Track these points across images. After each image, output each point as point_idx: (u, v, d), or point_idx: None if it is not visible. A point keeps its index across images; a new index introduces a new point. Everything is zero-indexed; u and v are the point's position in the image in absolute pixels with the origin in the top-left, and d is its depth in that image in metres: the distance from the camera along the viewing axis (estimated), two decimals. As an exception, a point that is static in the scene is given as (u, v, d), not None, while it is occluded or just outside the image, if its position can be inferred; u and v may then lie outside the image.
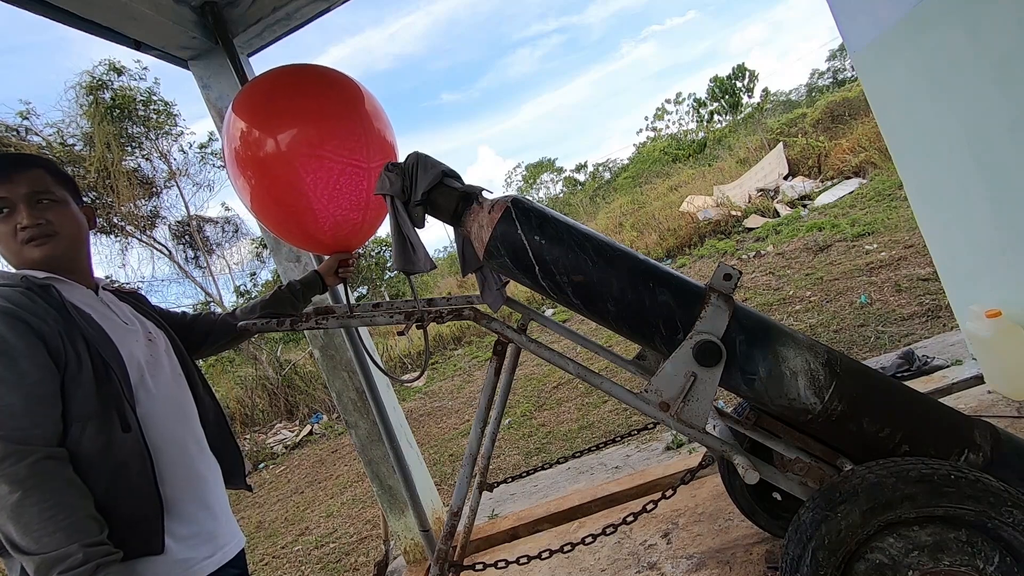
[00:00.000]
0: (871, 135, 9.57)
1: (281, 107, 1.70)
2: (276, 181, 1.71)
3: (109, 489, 1.05)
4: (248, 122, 1.70)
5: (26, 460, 0.93)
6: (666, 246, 9.73)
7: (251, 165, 1.71)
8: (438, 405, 6.71)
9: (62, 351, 1.06)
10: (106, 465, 1.05)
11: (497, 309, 1.76)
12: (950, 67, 2.20)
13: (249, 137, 1.69)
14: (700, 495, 2.48)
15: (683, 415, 1.42)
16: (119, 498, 1.05)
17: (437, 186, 1.54)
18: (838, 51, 24.85)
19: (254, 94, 1.77)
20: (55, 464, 0.97)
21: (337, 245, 1.88)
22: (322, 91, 1.76)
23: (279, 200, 1.76)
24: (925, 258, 4.80)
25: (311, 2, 2.54)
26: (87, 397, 1.06)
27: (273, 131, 1.67)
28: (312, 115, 1.70)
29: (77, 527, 0.93)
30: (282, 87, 1.75)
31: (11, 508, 0.91)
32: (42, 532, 0.91)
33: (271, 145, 1.67)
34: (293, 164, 1.68)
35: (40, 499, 0.92)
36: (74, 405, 1.05)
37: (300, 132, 1.68)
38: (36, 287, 1.12)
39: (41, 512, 0.91)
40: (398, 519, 2.79)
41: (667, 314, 1.44)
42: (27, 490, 0.91)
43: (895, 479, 1.20)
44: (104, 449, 1.05)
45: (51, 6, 2.00)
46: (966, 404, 2.46)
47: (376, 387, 2.40)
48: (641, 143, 29.06)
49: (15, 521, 0.91)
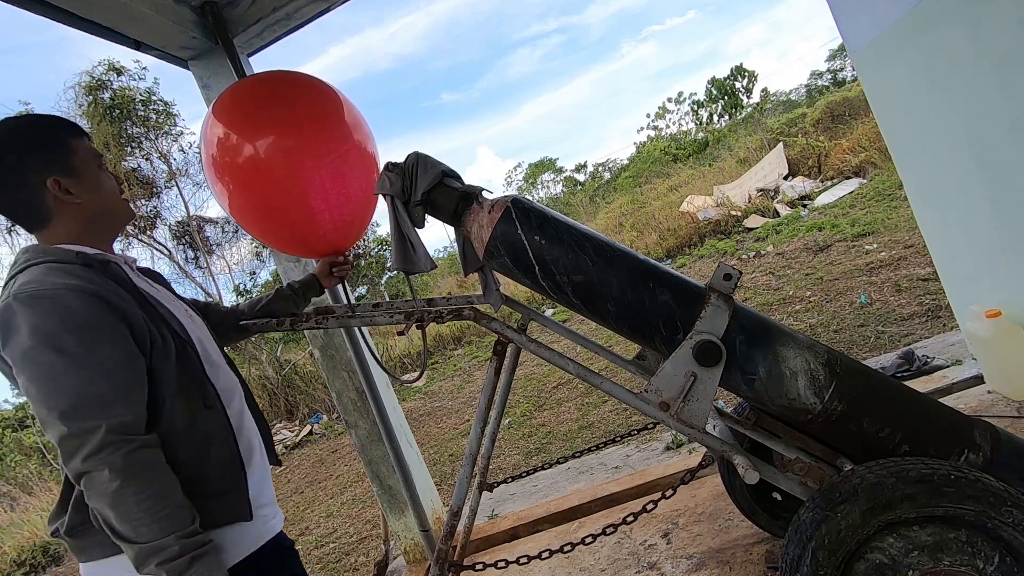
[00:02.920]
0: (871, 135, 9.56)
1: (259, 114, 1.66)
2: (254, 188, 1.68)
3: (199, 462, 1.08)
4: (227, 127, 1.66)
5: (123, 449, 0.94)
6: (666, 246, 9.72)
7: (228, 171, 1.67)
8: (438, 405, 6.71)
9: (146, 331, 1.05)
10: (194, 440, 1.08)
11: (497, 309, 1.76)
12: (950, 67, 2.20)
13: (227, 143, 1.65)
14: (700, 495, 2.48)
15: (683, 415, 1.42)
16: (208, 470, 1.09)
17: (437, 186, 1.54)
18: (838, 51, 24.84)
19: (234, 100, 1.73)
20: (150, 453, 0.98)
21: (324, 250, 1.85)
22: (300, 99, 1.73)
23: (258, 207, 1.72)
24: (925, 258, 4.79)
25: (311, 2, 2.54)
26: (173, 375, 1.08)
27: (252, 138, 1.64)
28: (290, 123, 1.66)
29: (172, 518, 0.96)
30: (261, 94, 1.72)
31: (111, 496, 0.92)
32: (140, 522, 0.93)
33: (249, 152, 1.63)
34: (272, 172, 1.64)
35: (138, 489, 0.94)
36: (163, 384, 1.06)
37: (278, 140, 1.64)
38: (96, 263, 1.08)
39: (139, 502, 0.93)
40: (398, 519, 2.79)
41: (667, 314, 1.44)
42: (126, 479, 0.93)
43: (895, 479, 1.20)
44: (191, 425, 1.08)
45: (51, 6, 2.00)
46: (966, 404, 2.46)
47: (376, 387, 2.40)
48: (641, 143, 29.07)
49: (114, 509, 0.93)
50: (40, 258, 1.04)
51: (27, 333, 0.94)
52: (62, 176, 1.09)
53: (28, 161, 1.07)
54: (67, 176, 1.09)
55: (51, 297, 0.96)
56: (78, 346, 0.95)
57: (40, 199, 1.08)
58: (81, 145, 1.14)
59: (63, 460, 0.94)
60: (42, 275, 1.00)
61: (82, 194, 1.11)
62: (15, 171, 1.06)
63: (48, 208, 1.09)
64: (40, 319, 0.94)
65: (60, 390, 0.93)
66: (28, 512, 7.46)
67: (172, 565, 0.93)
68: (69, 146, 1.12)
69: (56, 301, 0.96)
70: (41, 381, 0.94)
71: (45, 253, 1.06)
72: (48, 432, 0.95)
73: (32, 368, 0.94)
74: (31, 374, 0.94)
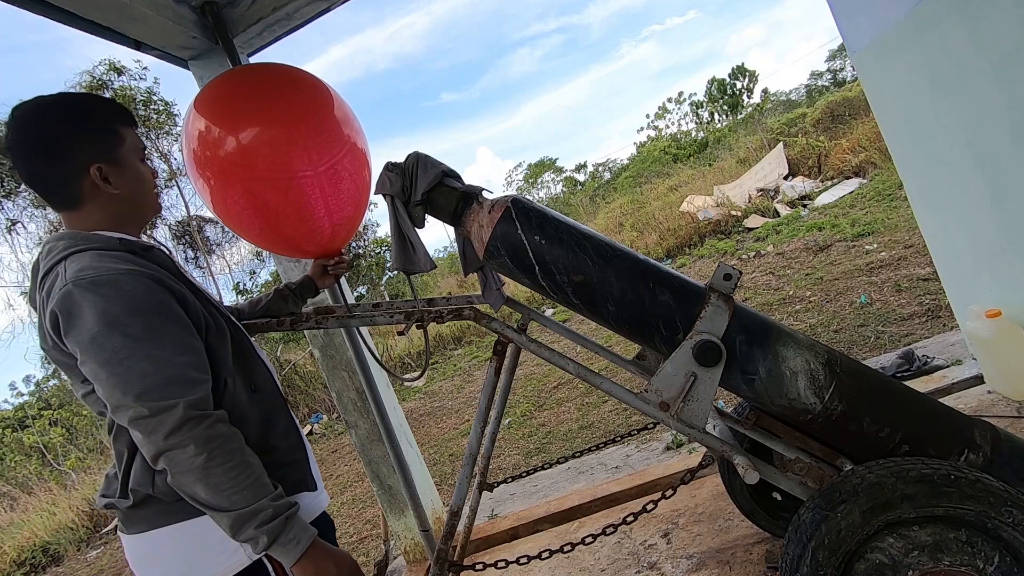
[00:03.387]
0: (871, 135, 9.56)
1: (244, 109, 1.54)
2: (237, 188, 1.55)
3: (265, 435, 1.14)
4: (209, 122, 1.53)
5: (203, 423, 0.97)
6: (666, 246, 9.71)
7: (210, 167, 1.54)
8: (438, 405, 6.71)
9: (200, 313, 1.09)
10: (257, 415, 1.14)
11: (497, 309, 1.76)
12: (950, 67, 2.20)
13: (208, 137, 1.52)
14: (700, 495, 2.48)
15: (683, 415, 1.42)
16: (276, 441, 1.16)
17: (437, 186, 1.54)
18: (838, 51, 24.85)
19: (216, 94, 1.60)
20: (226, 426, 1.01)
21: (315, 252, 1.80)
22: (287, 93, 1.60)
23: (243, 210, 1.60)
24: (925, 258, 4.79)
25: (311, 2, 2.54)
26: (228, 355, 1.12)
27: (235, 133, 1.51)
28: (277, 118, 1.54)
29: (260, 484, 1.00)
30: (246, 88, 1.59)
31: (198, 470, 0.95)
32: (232, 491, 0.96)
33: (232, 146, 1.50)
34: (256, 171, 1.51)
35: (224, 460, 0.97)
36: (223, 364, 1.10)
37: (263, 135, 1.51)
38: (140, 250, 1.10)
39: (227, 472, 0.97)
40: (398, 519, 2.79)
41: (667, 314, 1.44)
42: (211, 452, 0.96)
43: (895, 479, 1.20)
44: (251, 400, 1.14)
45: (51, 6, 2.00)
46: (966, 404, 2.46)
47: (376, 387, 2.40)
48: (641, 143, 29.08)
49: (204, 481, 0.96)
50: (83, 245, 1.04)
51: (93, 319, 0.95)
52: (105, 164, 1.09)
53: (76, 140, 1.07)
54: (110, 165, 1.09)
55: (111, 282, 0.97)
56: (144, 329, 0.97)
57: (77, 181, 1.08)
58: (130, 135, 1.14)
59: (140, 442, 0.96)
60: (95, 261, 1.00)
61: (121, 185, 1.11)
62: (60, 146, 1.06)
63: (83, 192, 1.08)
64: (105, 304, 0.95)
65: (132, 373, 0.95)
66: (28, 512, 7.46)
67: (271, 526, 0.97)
68: (119, 135, 1.12)
69: (117, 286, 0.97)
70: (112, 365, 0.95)
71: (87, 240, 1.05)
72: (121, 415, 0.96)
73: (102, 353, 0.95)
74: (101, 359, 0.95)
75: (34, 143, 1.05)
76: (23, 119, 1.06)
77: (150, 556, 1.08)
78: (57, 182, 1.08)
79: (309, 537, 1.02)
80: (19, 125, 1.06)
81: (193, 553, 1.06)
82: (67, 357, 1.01)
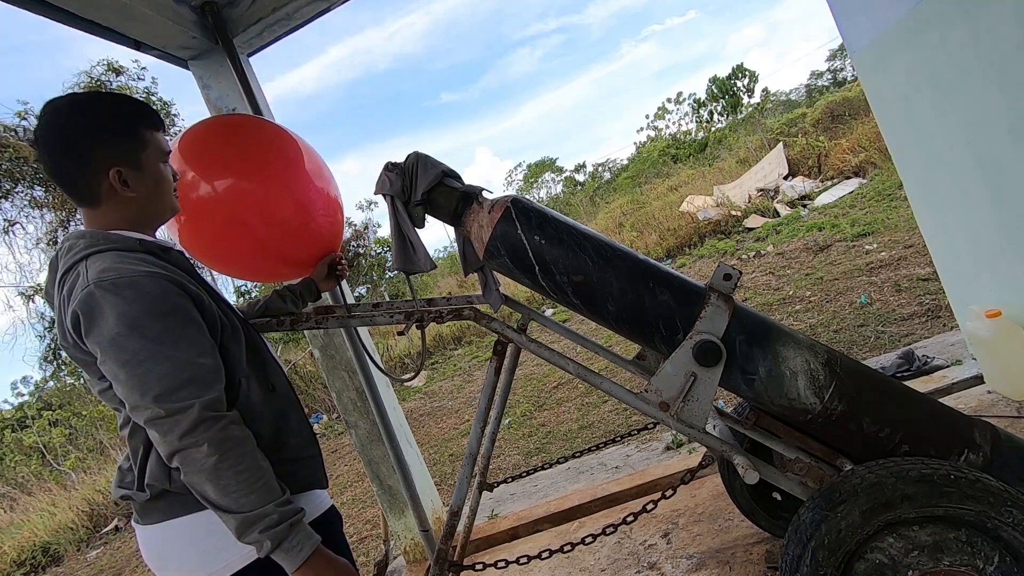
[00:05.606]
0: (871, 135, 9.57)
1: (216, 159, 1.60)
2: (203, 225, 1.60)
3: (278, 433, 1.16)
4: (187, 166, 1.58)
5: (217, 425, 0.99)
6: (666, 246, 9.71)
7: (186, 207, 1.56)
8: (438, 405, 6.71)
9: (216, 315, 1.11)
10: (270, 414, 1.15)
11: (497, 309, 1.76)
12: (950, 67, 2.20)
13: (184, 179, 1.55)
14: (700, 495, 2.48)
15: (683, 415, 1.42)
16: (288, 438, 1.18)
17: (437, 186, 1.54)
18: (838, 51, 24.87)
19: (193, 141, 1.66)
20: (240, 428, 1.03)
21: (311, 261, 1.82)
22: (260, 146, 1.66)
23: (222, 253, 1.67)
24: (925, 258, 4.79)
25: (311, 2, 2.54)
26: (243, 355, 1.14)
27: (210, 180, 1.57)
28: (248, 171, 1.59)
29: (268, 488, 1.01)
30: (221, 139, 1.66)
31: (209, 470, 0.97)
32: (239, 493, 0.98)
33: (207, 191, 1.56)
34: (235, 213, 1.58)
35: (235, 462, 0.99)
36: (237, 365, 1.12)
37: (235, 185, 1.57)
38: (158, 251, 1.11)
39: (237, 475, 0.98)
40: (398, 519, 2.79)
41: (667, 314, 1.44)
42: (223, 454, 0.98)
43: (895, 479, 1.20)
44: (265, 399, 1.16)
45: (51, 6, 2.00)
46: (966, 404, 2.46)
47: (376, 387, 2.40)
48: (641, 143, 29.09)
49: (214, 482, 0.97)
50: (103, 245, 1.05)
51: (114, 321, 0.96)
52: (125, 167, 1.09)
53: (99, 141, 1.08)
54: (131, 168, 1.10)
55: (133, 284, 0.99)
56: (163, 331, 0.99)
57: (96, 181, 1.08)
58: (154, 139, 1.15)
59: (157, 441, 0.99)
60: (116, 262, 1.01)
61: (139, 189, 1.12)
62: (84, 146, 1.07)
63: (101, 192, 1.09)
64: (126, 306, 0.97)
65: (151, 375, 0.97)
66: (28, 512, 7.45)
67: (274, 531, 0.99)
68: (142, 139, 1.12)
69: (138, 288, 0.99)
70: (131, 367, 0.97)
71: (107, 240, 1.06)
72: (139, 415, 0.98)
73: (121, 355, 0.97)
74: (121, 360, 0.97)
75: (59, 139, 1.07)
76: (53, 114, 1.07)
77: (167, 545, 1.11)
78: (77, 180, 1.09)
79: (312, 545, 1.03)
80: (49, 119, 1.07)
81: (209, 542, 1.07)
82: (86, 355, 1.03)
